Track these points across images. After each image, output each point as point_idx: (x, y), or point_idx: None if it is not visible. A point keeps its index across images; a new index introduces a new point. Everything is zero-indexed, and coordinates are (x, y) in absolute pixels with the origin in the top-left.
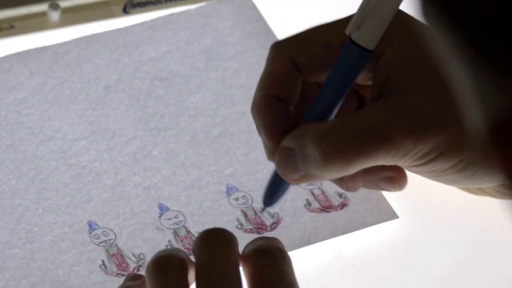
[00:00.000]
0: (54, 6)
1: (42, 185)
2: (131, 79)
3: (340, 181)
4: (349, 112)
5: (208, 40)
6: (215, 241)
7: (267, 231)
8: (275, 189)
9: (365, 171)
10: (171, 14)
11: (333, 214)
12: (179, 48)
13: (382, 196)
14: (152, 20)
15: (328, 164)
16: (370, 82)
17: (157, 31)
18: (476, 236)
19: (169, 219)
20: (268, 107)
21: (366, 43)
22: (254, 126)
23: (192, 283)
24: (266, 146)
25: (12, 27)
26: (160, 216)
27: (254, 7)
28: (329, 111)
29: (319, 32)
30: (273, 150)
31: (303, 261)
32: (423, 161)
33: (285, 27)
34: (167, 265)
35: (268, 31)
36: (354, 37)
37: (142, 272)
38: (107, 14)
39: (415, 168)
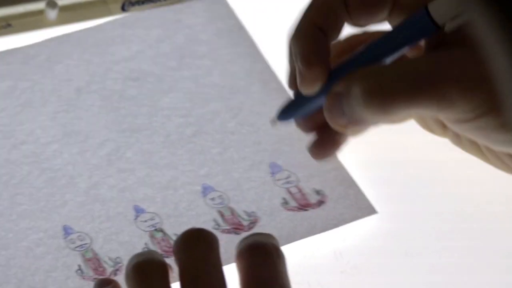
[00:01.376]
0: (52, 4)
1: (15, 190)
2: (103, 80)
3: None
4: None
5: (180, 38)
6: (197, 243)
7: (245, 231)
8: (293, 106)
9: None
10: (143, 11)
11: (310, 213)
12: (151, 46)
13: (360, 191)
14: (123, 18)
15: (368, 104)
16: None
17: (128, 29)
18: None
19: (145, 221)
20: (311, 35)
21: (440, 17)
22: (228, 125)
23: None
24: (299, 73)
25: (9, 25)
26: (136, 219)
27: (226, 4)
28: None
29: None
30: (306, 77)
31: (303, 261)
32: (471, 115)
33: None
34: (148, 271)
35: (241, 28)
36: (431, 8)
37: (120, 276)
38: (105, 12)
39: (463, 125)
